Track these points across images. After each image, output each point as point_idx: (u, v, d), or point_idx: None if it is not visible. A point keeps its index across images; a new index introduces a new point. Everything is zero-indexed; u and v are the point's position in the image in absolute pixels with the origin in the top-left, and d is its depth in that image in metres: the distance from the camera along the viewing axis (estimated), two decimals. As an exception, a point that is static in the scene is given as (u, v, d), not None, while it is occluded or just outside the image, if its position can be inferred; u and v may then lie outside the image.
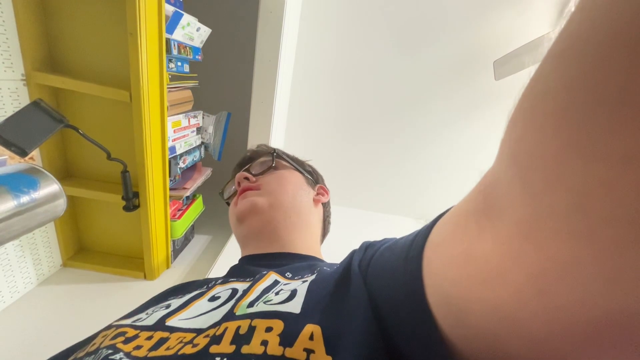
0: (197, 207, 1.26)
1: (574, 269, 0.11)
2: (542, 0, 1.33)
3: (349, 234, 1.55)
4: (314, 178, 0.57)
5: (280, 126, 1.48)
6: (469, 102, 1.52)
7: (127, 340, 0.28)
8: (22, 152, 0.51)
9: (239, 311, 0.26)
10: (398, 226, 1.72)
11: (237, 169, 0.58)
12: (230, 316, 0.26)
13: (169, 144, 0.96)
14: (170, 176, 1.00)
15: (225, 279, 0.37)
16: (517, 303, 0.13)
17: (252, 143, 1.32)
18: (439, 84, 1.50)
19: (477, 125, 1.56)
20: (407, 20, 1.39)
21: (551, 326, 0.13)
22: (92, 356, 0.27)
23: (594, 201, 0.10)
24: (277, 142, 1.46)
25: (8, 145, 0.50)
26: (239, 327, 0.24)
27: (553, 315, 0.12)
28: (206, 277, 1.05)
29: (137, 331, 0.29)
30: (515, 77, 1.26)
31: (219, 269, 1.11)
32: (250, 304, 0.27)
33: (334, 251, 0.57)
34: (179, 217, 1.11)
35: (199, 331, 0.27)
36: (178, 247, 1.18)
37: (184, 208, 1.17)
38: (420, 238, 0.21)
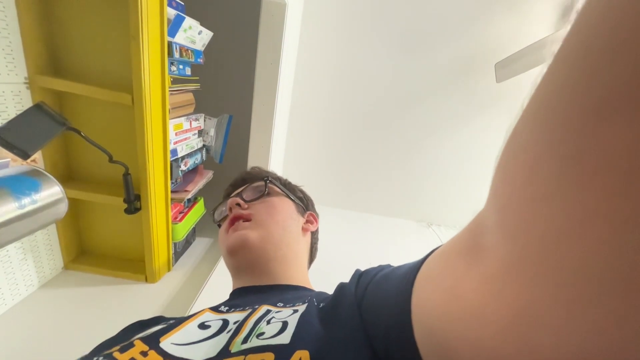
0: (199, 209, 1.26)
1: (541, 314, 0.11)
2: (543, 4, 1.34)
3: (350, 237, 1.55)
4: (304, 204, 0.58)
5: (281, 129, 1.49)
6: (471, 105, 1.52)
7: (122, 349, 0.28)
8: (24, 155, 0.52)
9: (234, 348, 0.27)
10: (399, 229, 1.72)
11: (230, 189, 0.59)
12: (225, 353, 0.27)
13: (171, 146, 0.96)
14: (171, 179, 1.00)
15: (215, 307, 0.38)
16: (498, 345, 0.13)
17: (254, 146, 1.32)
18: (440, 86, 1.50)
19: (479, 128, 1.56)
20: (408, 23, 1.40)
21: None
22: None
23: (560, 251, 0.11)
24: (278, 145, 1.47)
25: (10, 147, 0.50)
26: None
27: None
28: (206, 280, 1.05)
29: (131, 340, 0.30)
30: (517, 79, 1.26)
31: (220, 272, 1.11)
32: (245, 340, 0.28)
33: (336, 254, 0.57)
34: (181, 220, 1.11)
35: None
36: (179, 250, 1.18)
37: (185, 211, 1.17)
38: (412, 271, 0.22)
